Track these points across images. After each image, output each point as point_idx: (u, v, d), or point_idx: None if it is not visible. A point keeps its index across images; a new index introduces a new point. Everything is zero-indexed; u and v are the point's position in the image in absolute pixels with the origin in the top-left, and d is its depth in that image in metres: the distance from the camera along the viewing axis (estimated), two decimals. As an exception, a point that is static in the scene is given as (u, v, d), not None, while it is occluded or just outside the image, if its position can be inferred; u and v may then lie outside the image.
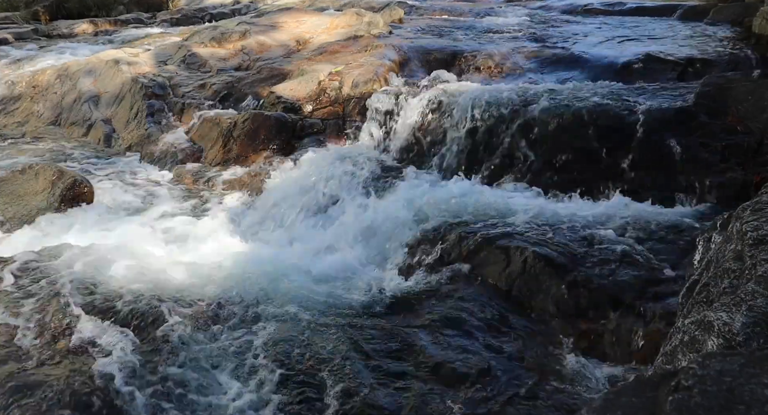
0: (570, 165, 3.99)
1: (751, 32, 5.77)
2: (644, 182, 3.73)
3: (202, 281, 3.10)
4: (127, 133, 6.07)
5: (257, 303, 2.92)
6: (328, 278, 3.26)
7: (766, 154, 3.53)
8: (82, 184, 4.32)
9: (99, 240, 3.52)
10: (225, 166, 5.15)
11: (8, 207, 4.16)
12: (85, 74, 7.11)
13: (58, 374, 2.36)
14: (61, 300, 2.82)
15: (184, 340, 2.61)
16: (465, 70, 5.81)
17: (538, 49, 6.08)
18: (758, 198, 2.13)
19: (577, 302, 2.84)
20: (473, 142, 4.40)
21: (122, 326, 2.68)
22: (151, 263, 3.26)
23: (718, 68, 4.91)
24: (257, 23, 7.88)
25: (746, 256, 1.76)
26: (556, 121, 4.13)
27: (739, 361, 1.17)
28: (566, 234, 3.22)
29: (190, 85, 6.44)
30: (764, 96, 3.82)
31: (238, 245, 3.78)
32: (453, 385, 2.41)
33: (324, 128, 5.31)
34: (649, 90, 4.40)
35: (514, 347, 2.65)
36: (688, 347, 1.56)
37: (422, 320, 2.82)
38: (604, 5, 8.67)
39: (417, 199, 3.81)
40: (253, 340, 2.64)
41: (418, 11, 9.27)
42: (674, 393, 1.12)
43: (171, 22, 11.73)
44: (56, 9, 12.55)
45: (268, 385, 2.40)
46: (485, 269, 3.13)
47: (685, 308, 1.96)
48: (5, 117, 7.09)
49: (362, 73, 5.51)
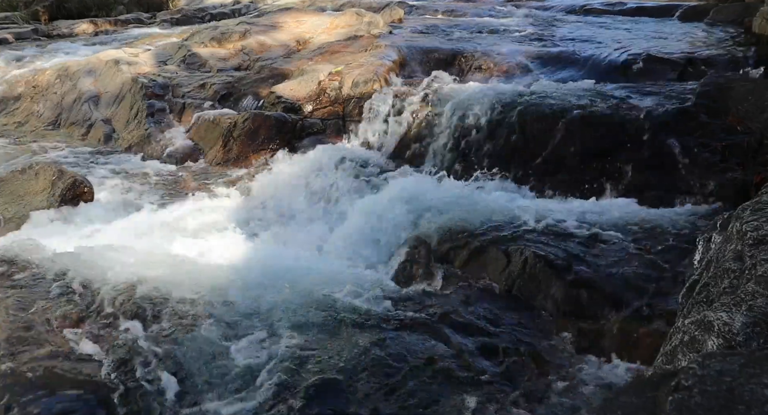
0: (569, 165, 3.99)
1: (751, 32, 5.77)
2: (644, 182, 3.73)
3: (201, 279, 3.10)
4: (127, 133, 6.06)
5: (255, 303, 2.92)
6: (326, 278, 3.26)
7: (766, 154, 3.53)
8: (82, 184, 4.31)
9: (99, 239, 3.52)
10: (225, 166, 5.15)
11: (8, 207, 4.16)
12: (85, 74, 7.11)
13: (59, 372, 2.37)
14: (61, 299, 2.82)
15: (184, 339, 2.61)
16: (465, 70, 5.81)
17: (538, 49, 6.08)
18: (758, 198, 2.14)
19: (577, 302, 2.83)
20: (472, 142, 4.40)
21: (122, 325, 2.69)
22: (151, 262, 3.26)
23: (718, 68, 4.91)
24: (257, 23, 7.88)
25: (746, 256, 1.76)
26: (555, 121, 4.13)
27: (739, 361, 1.17)
28: (566, 234, 3.22)
29: (190, 85, 6.44)
30: (764, 96, 3.82)
31: (238, 244, 3.77)
32: (453, 386, 2.41)
33: (324, 128, 5.31)
34: (649, 90, 4.40)
35: (514, 347, 2.65)
36: (688, 347, 1.56)
37: (420, 321, 2.81)
38: (604, 5, 8.66)
39: (415, 199, 3.81)
40: (253, 339, 2.64)
41: (418, 11, 9.27)
42: (674, 393, 1.12)
43: (171, 22, 11.72)
44: (56, 9, 12.54)
45: (267, 385, 2.40)
46: (485, 269, 3.13)
47: (685, 308, 1.96)
48: (5, 117, 7.09)
49: (362, 73, 5.51)
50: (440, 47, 6.27)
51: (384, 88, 5.30)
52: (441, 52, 6.12)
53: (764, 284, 1.58)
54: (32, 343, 2.56)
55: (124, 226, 4.01)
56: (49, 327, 2.66)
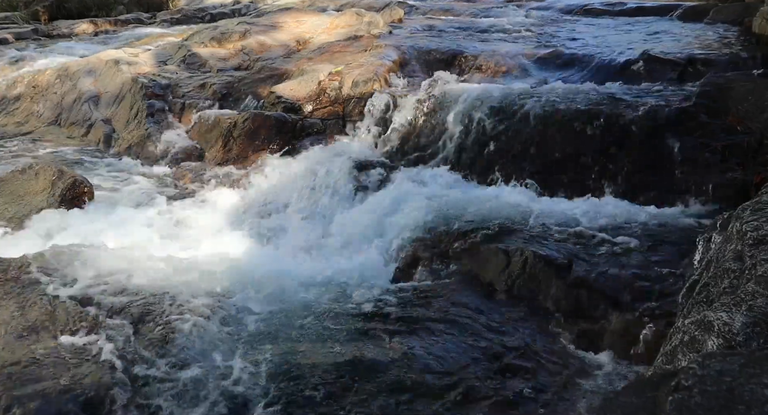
0: (570, 165, 3.99)
1: (751, 32, 5.76)
2: (644, 182, 3.73)
3: (201, 280, 3.10)
4: (127, 133, 6.06)
5: (254, 302, 2.93)
6: (325, 278, 3.26)
7: (766, 154, 3.53)
8: (82, 184, 4.32)
9: (99, 239, 3.52)
10: (225, 166, 5.15)
11: (8, 207, 4.16)
12: (85, 74, 7.11)
13: (60, 371, 2.37)
14: (62, 299, 2.82)
15: (185, 339, 2.61)
16: (465, 70, 5.81)
17: (538, 49, 6.08)
18: (758, 198, 2.14)
19: (577, 301, 2.84)
20: (471, 141, 4.40)
21: (123, 324, 2.69)
22: (151, 261, 3.26)
23: (718, 68, 4.90)
24: (257, 23, 7.88)
25: (746, 256, 1.76)
26: (555, 121, 4.14)
27: (739, 361, 1.17)
28: (566, 234, 3.22)
29: (190, 85, 6.44)
30: (764, 96, 3.82)
31: (238, 244, 3.78)
32: (453, 385, 2.41)
33: (324, 128, 5.31)
34: (649, 90, 4.40)
35: (514, 347, 2.65)
36: (688, 347, 1.56)
37: (420, 320, 2.81)
38: (604, 5, 8.65)
39: (415, 199, 3.81)
40: (252, 339, 2.65)
41: (418, 11, 9.26)
42: (674, 393, 1.12)
43: (171, 22, 11.73)
44: (56, 9, 12.54)
45: (264, 385, 2.40)
46: (485, 269, 3.13)
47: (685, 308, 1.96)
48: (5, 117, 7.09)
49: (362, 73, 5.51)
50: (440, 47, 6.26)
51: (384, 88, 5.30)
52: (441, 52, 6.12)
53: (764, 284, 1.58)
54: (32, 343, 2.56)
55: (124, 225, 4.01)
56: (48, 327, 2.66)
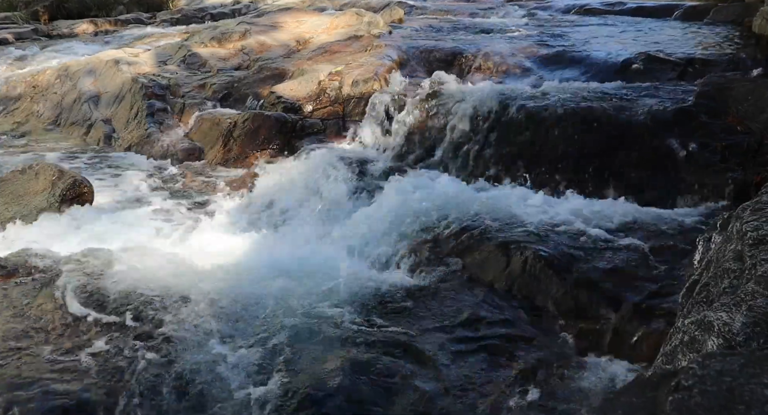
0: (570, 165, 3.99)
1: (751, 32, 5.77)
2: (644, 182, 3.73)
3: (202, 279, 3.10)
4: (127, 133, 6.06)
5: (255, 302, 2.92)
6: (326, 278, 3.26)
7: (766, 154, 3.53)
8: (82, 184, 4.31)
9: (99, 239, 3.52)
10: (225, 166, 5.15)
11: (8, 207, 4.16)
12: (85, 74, 7.11)
13: (59, 373, 2.37)
14: (62, 299, 2.82)
15: (183, 340, 2.61)
16: (465, 70, 5.81)
17: (538, 49, 6.08)
18: (758, 198, 2.14)
19: (577, 301, 2.83)
20: (472, 141, 4.40)
21: (123, 324, 2.69)
22: (152, 261, 3.26)
23: (718, 68, 4.91)
24: (257, 23, 7.88)
25: (746, 256, 1.76)
26: (555, 121, 4.13)
27: (739, 361, 1.17)
28: (566, 234, 3.22)
29: (190, 85, 6.44)
30: (764, 96, 3.82)
31: (238, 244, 3.77)
32: (453, 385, 2.41)
33: (324, 128, 5.31)
34: (649, 90, 4.40)
35: (514, 347, 2.65)
36: (688, 347, 1.56)
37: (420, 320, 2.82)
38: (604, 5, 8.66)
39: (415, 199, 3.81)
40: (252, 338, 2.64)
41: (418, 11, 9.27)
42: (674, 393, 1.12)
43: (171, 22, 11.73)
44: (56, 9, 12.55)
45: (264, 385, 2.40)
46: (485, 269, 3.13)
47: (685, 308, 1.96)
48: (5, 117, 7.09)
49: (362, 73, 5.51)
50: (440, 47, 6.27)
51: (384, 87, 5.30)
52: (441, 52, 6.12)
53: (764, 284, 1.58)
54: (32, 343, 2.56)
55: (124, 226, 4.01)
56: (48, 328, 2.66)
